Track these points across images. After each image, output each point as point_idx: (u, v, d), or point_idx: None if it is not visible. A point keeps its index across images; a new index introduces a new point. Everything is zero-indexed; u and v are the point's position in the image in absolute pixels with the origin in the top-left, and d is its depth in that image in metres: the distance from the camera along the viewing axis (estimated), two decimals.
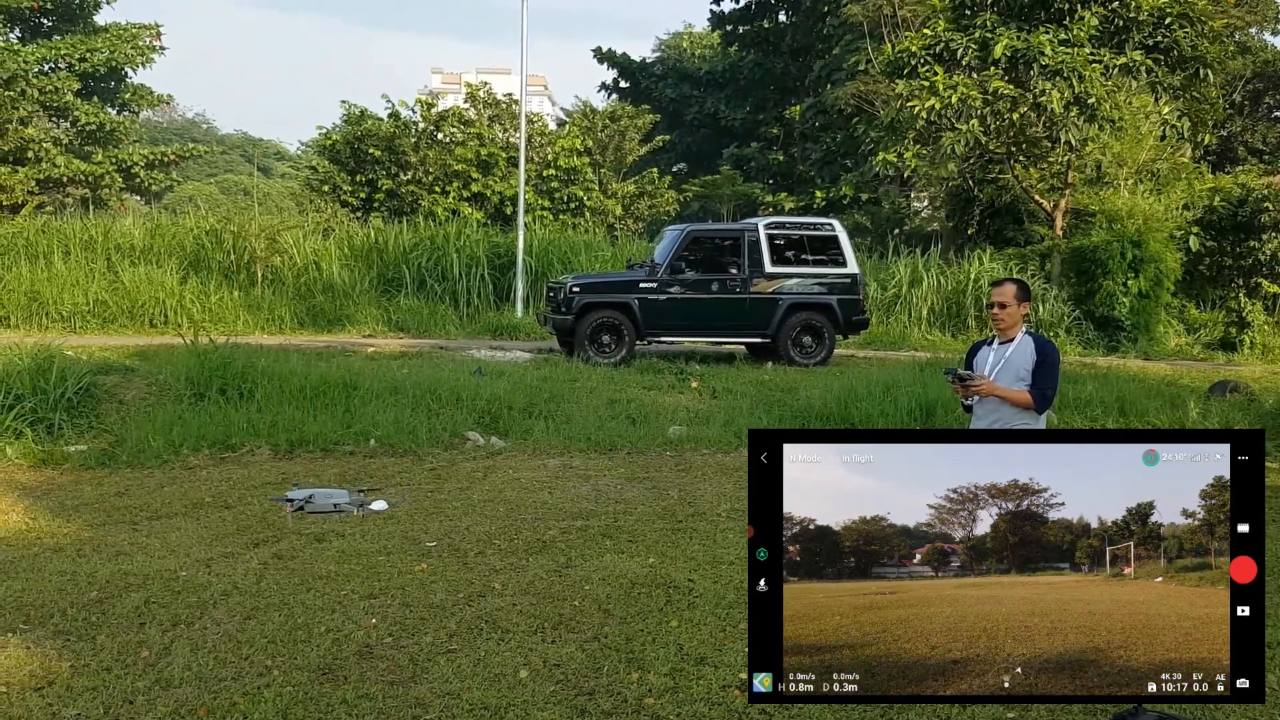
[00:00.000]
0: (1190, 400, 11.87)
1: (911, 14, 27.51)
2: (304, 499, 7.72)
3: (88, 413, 10.00)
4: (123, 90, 34.68)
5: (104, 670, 4.50)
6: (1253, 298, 22.88)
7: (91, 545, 6.41)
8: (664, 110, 39.45)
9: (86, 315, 17.86)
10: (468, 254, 21.01)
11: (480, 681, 4.43)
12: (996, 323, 5.01)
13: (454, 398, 10.90)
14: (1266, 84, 33.00)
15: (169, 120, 71.97)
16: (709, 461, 9.44)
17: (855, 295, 16.03)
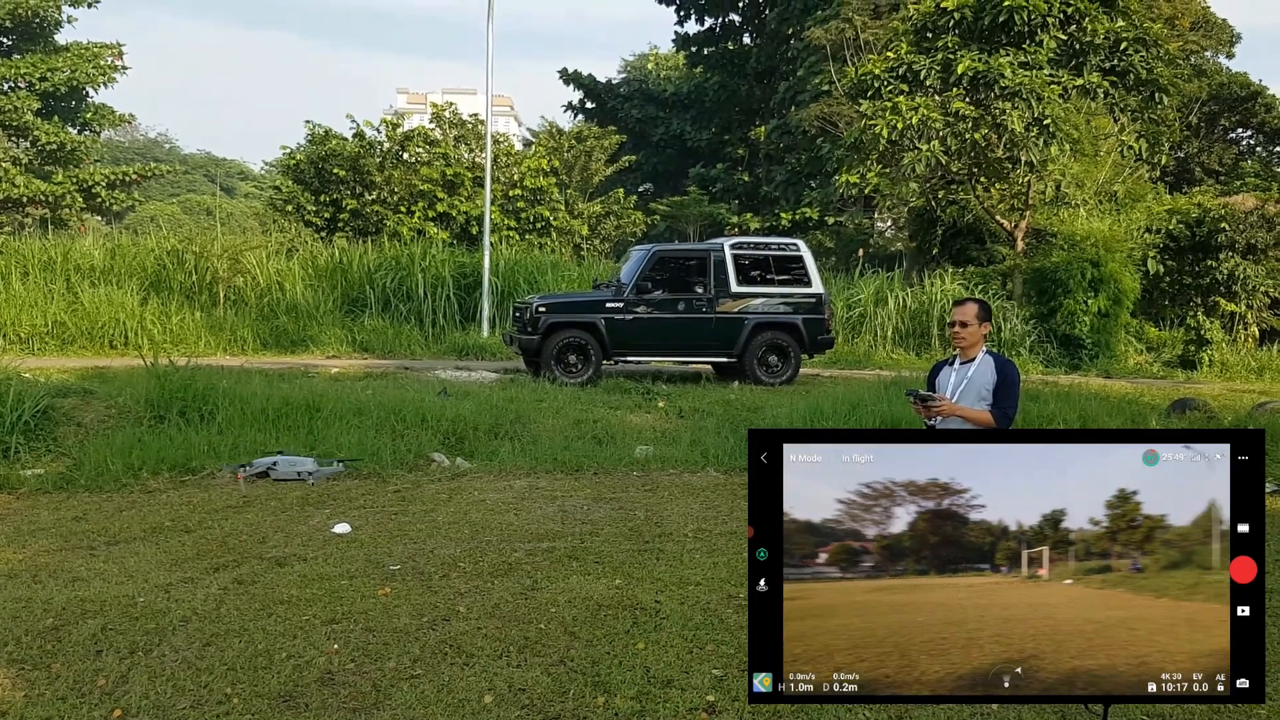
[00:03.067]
0: (1151, 418, 12.01)
1: (874, 37, 27.83)
2: (269, 465, 7.66)
3: (45, 436, 9.83)
4: (84, 110, 34.36)
5: (59, 700, 4.41)
6: (1210, 316, 23.25)
7: (47, 571, 6.29)
8: (630, 131, 39.62)
9: (45, 337, 17.63)
10: (433, 274, 20.96)
11: (444, 708, 4.38)
12: (958, 341, 5.05)
13: (419, 419, 10.83)
14: (1221, 106, 33.64)
15: (131, 140, 71.38)
16: (676, 482, 9.43)
17: (820, 315, 16.13)
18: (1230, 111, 34.16)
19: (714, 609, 5.70)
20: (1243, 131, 35.83)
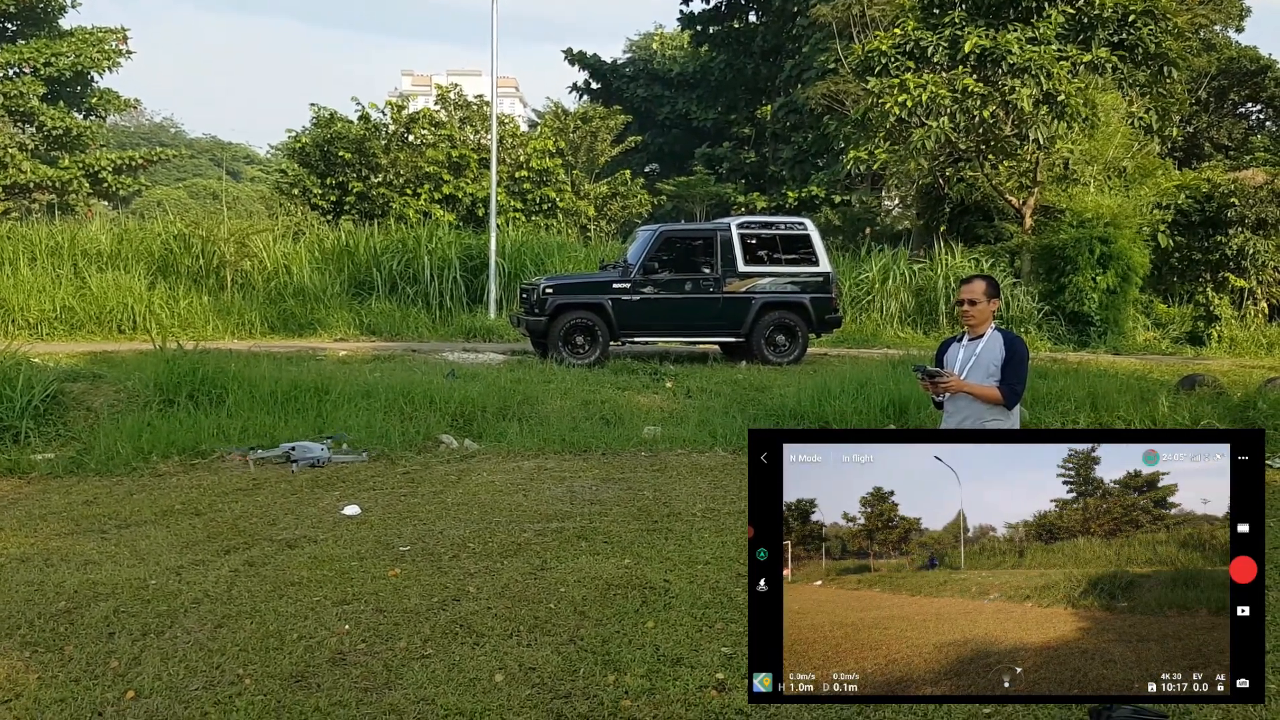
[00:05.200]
0: (1160, 395, 11.97)
1: (880, 13, 27.64)
2: (286, 451, 7.82)
3: (55, 420, 9.87)
4: (89, 95, 34.30)
5: (72, 681, 4.44)
6: (1220, 292, 23.15)
7: (59, 555, 6.33)
8: (635, 111, 39.45)
9: (53, 322, 17.64)
10: (439, 256, 20.93)
11: (455, 687, 4.40)
12: (966, 319, 5.03)
13: (427, 401, 10.84)
14: (1231, 80, 33.38)
15: (136, 124, 71.29)
16: (684, 462, 9.43)
17: (828, 294, 16.09)
18: (1240, 86, 33.89)
19: (723, 588, 5.71)
20: (1252, 106, 35.55)
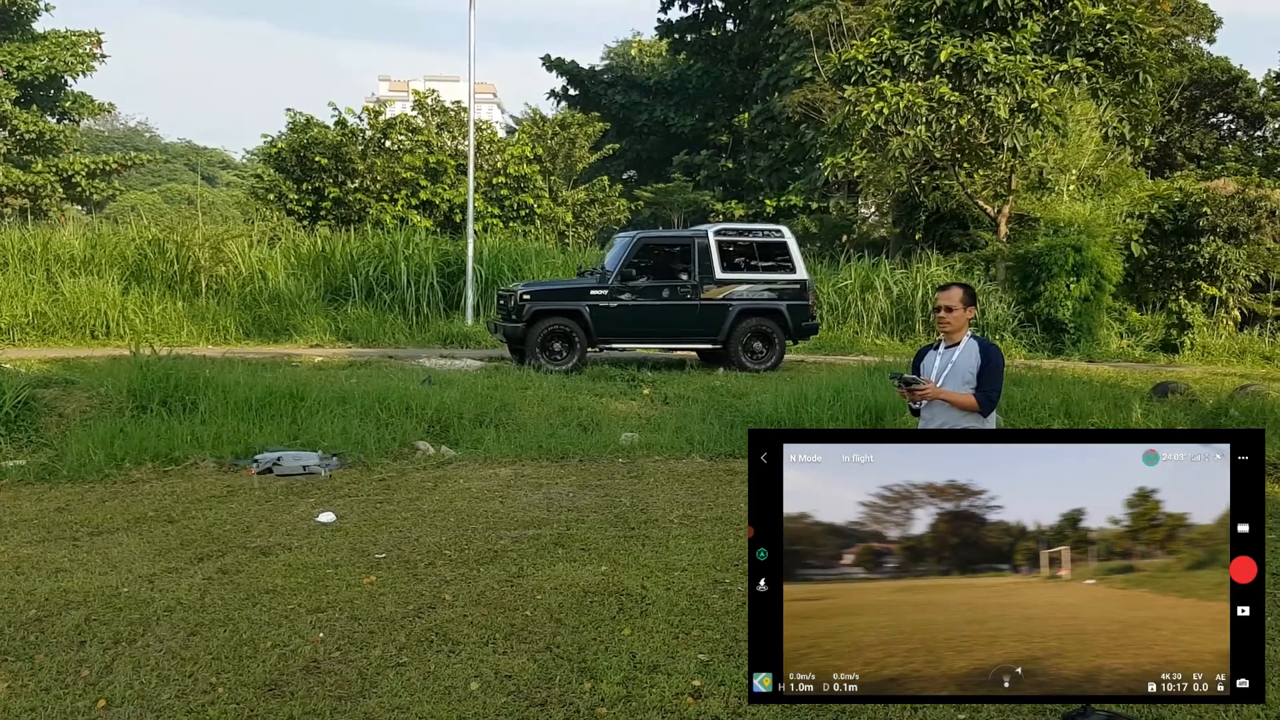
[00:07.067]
0: (1134, 402, 12.06)
1: (857, 22, 27.78)
2: (272, 461, 7.70)
3: (27, 427, 9.77)
4: (63, 98, 34.07)
5: (42, 690, 4.39)
6: (1192, 300, 23.37)
7: (30, 562, 6.26)
8: (614, 118, 39.49)
9: (25, 327, 17.48)
10: (416, 262, 20.86)
11: (430, 695, 4.38)
12: (943, 326, 5.06)
13: (403, 407, 10.80)
14: (1203, 91, 33.77)
15: (110, 129, 70.81)
16: (661, 468, 9.43)
17: (805, 301, 16.15)
18: (1211, 96, 34.30)
19: (700, 594, 5.71)
20: (1223, 116, 35.97)
